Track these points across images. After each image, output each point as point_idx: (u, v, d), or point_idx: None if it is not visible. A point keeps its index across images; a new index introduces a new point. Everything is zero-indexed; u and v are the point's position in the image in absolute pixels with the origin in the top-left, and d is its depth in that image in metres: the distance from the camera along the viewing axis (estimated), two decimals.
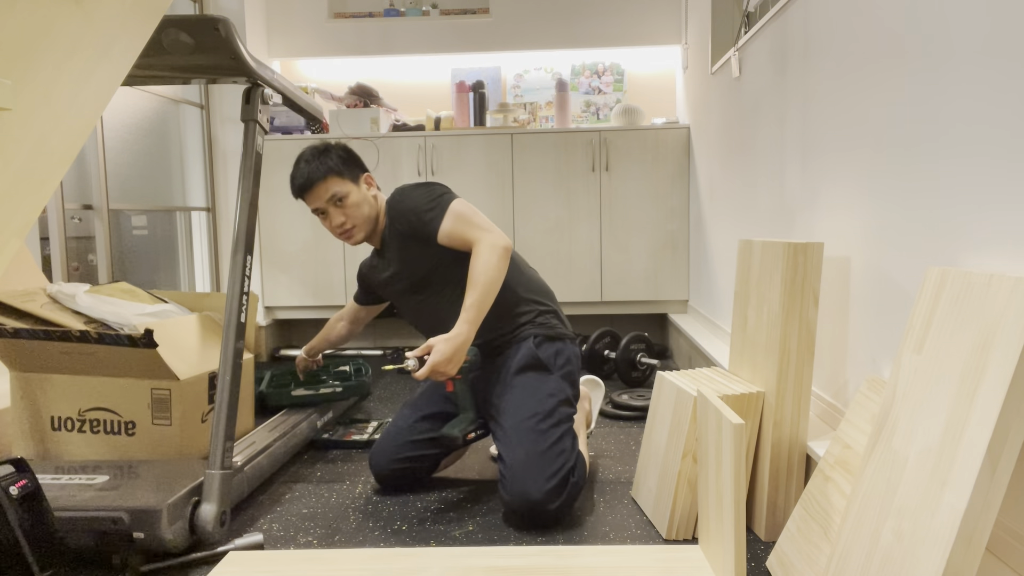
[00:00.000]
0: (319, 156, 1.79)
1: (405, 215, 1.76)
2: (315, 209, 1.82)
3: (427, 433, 1.78)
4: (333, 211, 1.79)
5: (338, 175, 1.78)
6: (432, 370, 1.56)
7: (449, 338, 1.59)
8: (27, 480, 1.20)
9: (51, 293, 1.78)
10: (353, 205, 1.79)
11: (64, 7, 0.93)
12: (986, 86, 1.04)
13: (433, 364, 1.56)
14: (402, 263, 1.82)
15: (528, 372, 1.72)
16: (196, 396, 1.73)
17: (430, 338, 1.61)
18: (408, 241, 1.78)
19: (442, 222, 1.71)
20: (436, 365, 1.56)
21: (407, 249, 1.79)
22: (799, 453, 1.46)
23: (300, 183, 1.79)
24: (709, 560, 1.34)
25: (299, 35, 3.71)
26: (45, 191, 0.96)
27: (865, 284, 1.44)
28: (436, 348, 1.58)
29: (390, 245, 1.84)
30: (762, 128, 2.14)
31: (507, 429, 1.64)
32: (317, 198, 1.79)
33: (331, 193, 1.77)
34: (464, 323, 1.61)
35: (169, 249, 3.36)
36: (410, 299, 1.86)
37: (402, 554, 1.43)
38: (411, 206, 1.76)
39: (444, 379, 1.62)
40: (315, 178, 1.77)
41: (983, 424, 0.84)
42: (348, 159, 1.81)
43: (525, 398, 1.67)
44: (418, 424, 1.79)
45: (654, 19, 3.62)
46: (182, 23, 1.55)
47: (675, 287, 3.42)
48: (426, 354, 1.58)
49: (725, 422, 1.19)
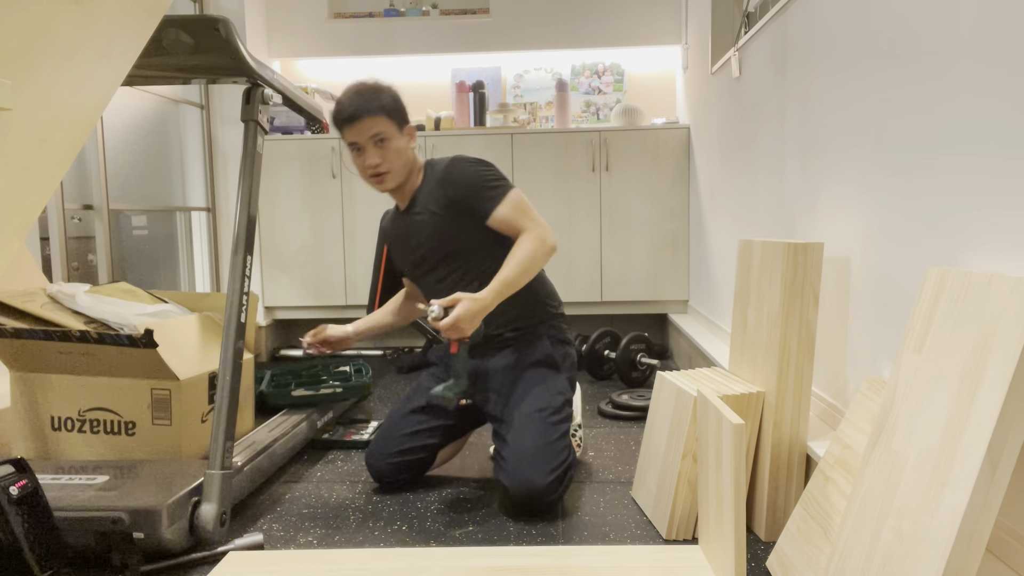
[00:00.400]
0: (373, 91, 1.73)
1: (462, 184, 1.74)
2: (352, 143, 1.74)
3: (421, 424, 1.79)
4: (372, 150, 1.73)
5: (387, 116, 1.72)
6: (455, 322, 1.56)
7: (476, 298, 1.60)
8: (27, 480, 1.20)
9: (51, 293, 1.78)
10: (394, 150, 1.74)
11: (64, 7, 0.93)
12: (986, 85, 1.04)
13: (457, 317, 1.56)
14: (435, 230, 1.78)
15: (542, 368, 1.77)
16: (196, 396, 1.73)
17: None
18: (451, 210, 1.75)
19: (500, 204, 1.72)
20: (459, 319, 1.56)
21: (447, 219, 1.76)
22: (799, 453, 1.46)
23: (349, 112, 1.71)
24: (709, 560, 1.34)
25: (299, 35, 3.71)
26: (45, 191, 0.96)
27: (865, 284, 1.44)
28: (463, 303, 1.58)
29: (423, 208, 1.80)
30: (762, 128, 2.14)
31: (517, 417, 1.67)
32: (360, 132, 1.71)
33: (376, 131, 1.71)
34: (491, 292, 1.62)
35: (169, 249, 3.36)
36: (430, 272, 1.82)
37: (402, 554, 1.43)
38: (472, 178, 1.75)
39: (456, 337, 1.62)
40: (365, 111, 1.70)
41: (983, 424, 0.84)
42: (399, 104, 1.77)
43: (538, 391, 1.72)
44: (411, 416, 1.81)
45: (654, 19, 3.62)
46: (182, 23, 1.55)
47: (675, 287, 3.42)
48: (452, 306, 1.59)
49: (725, 422, 1.19)
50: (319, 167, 3.42)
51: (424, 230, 1.80)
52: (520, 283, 1.67)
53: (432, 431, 1.80)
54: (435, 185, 1.78)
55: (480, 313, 1.60)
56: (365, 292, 3.44)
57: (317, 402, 2.27)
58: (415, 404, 1.83)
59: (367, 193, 3.42)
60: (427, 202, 1.79)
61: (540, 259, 1.69)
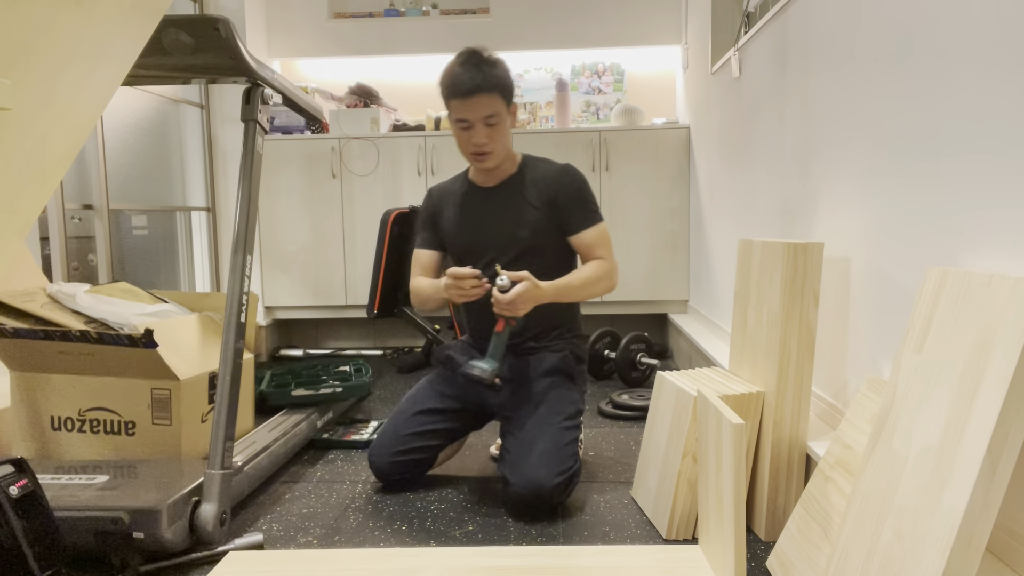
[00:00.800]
0: (490, 65, 1.67)
1: (571, 192, 1.78)
2: (460, 119, 1.69)
3: (425, 425, 1.79)
4: (480, 128, 1.69)
5: (501, 95, 1.69)
6: (516, 297, 1.59)
7: (538, 284, 1.63)
8: (27, 480, 1.20)
9: (51, 293, 1.78)
10: (502, 132, 1.72)
11: (64, 7, 0.93)
12: (986, 85, 1.04)
13: (519, 293, 1.59)
14: (527, 220, 1.77)
15: (560, 376, 1.79)
16: (196, 396, 1.73)
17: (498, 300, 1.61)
18: (549, 210, 1.77)
19: (592, 227, 1.79)
20: (520, 296, 1.59)
21: (543, 216, 1.77)
22: (799, 453, 1.46)
23: (468, 87, 1.64)
24: (709, 560, 1.34)
25: (299, 35, 3.71)
26: (45, 191, 0.96)
27: (865, 284, 1.44)
28: (527, 282, 1.61)
29: (517, 195, 1.79)
30: (762, 128, 2.14)
31: (531, 418, 1.69)
32: (473, 109, 1.67)
33: (490, 112, 1.67)
34: (551, 285, 1.67)
35: (169, 249, 3.36)
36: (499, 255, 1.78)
37: (402, 554, 1.43)
38: (580, 192, 1.79)
39: (509, 314, 1.64)
40: (483, 88, 1.65)
41: (983, 424, 0.84)
42: (511, 81, 1.72)
43: (554, 396, 1.74)
44: (416, 418, 1.80)
45: (654, 19, 3.62)
46: (182, 23, 1.55)
47: (675, 287, 3.42)
48: (517, 282, 1.61)
49: (725, 422, 1.19)
50: (319, 167, 3.42)
51: (513, 217, 1.79)
52: (575, 295, 1.74)
53: (436, 432, 1.80)
54: (539, 180, 1.79)
55: (537, 299, 1.64)
56: (365, 292, 3.44)
57: (317, 402, 2.27)
58: (421, 406, 1.82)
59: (367, 193, 3.42)
60: (523, 192, 1.79)
61: (600, 286, 1.76)
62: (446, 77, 1.70)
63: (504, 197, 1.81)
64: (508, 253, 1.79)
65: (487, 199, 1.84)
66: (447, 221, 1.87)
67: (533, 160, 1.85)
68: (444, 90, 1.71)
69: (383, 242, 3.11)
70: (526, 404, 1.73)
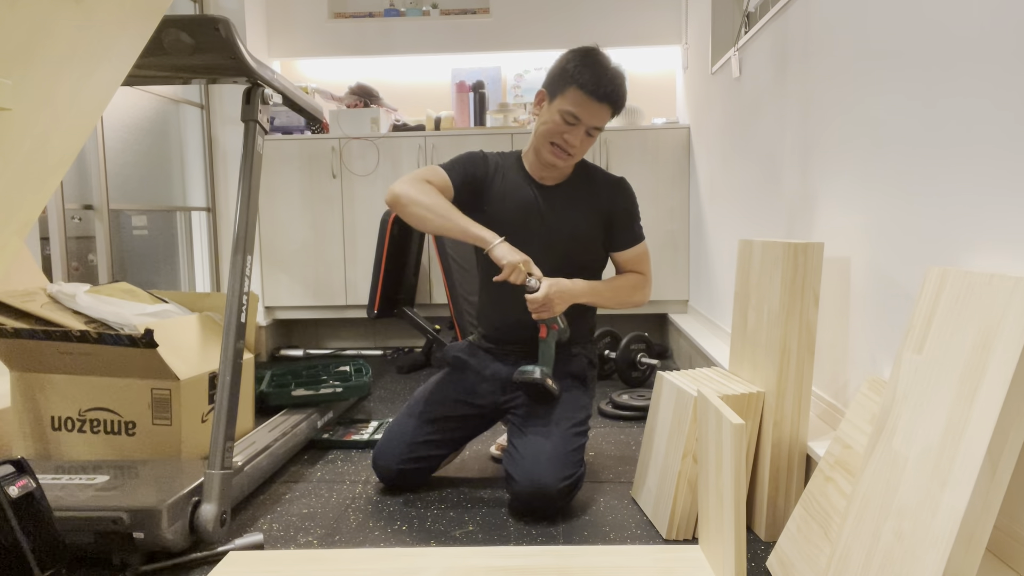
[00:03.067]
0: (623, 83, 1.66)
1: (623, 206, 1.80)
2: (573, 114, 1.63)
3: (434, 435, 1.78)
4: (581, 132, 1.65)
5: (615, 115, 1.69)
6: (551, 292, 1.61)
7: (570, 282, 1.67)
8: (27, 480, 1.20)
9: (51, 293, 1.78)
10: (592, 143, 1.71)
11: (64, 7, 0.93)
12: (986, 84, 1.04)
13: (549, 293, 1.61)
14: (577, 221, 1.77)
15: (572, 380, 1.80)
16: (196, 396, 1.73)
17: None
18: (600, 217, 1.78)
19: (637, 246, 1.82)
20: (552, 293, 1.62)
21: (592, 222, 1.77)
22: (799, 453, 1.46)
23: (611, 96, 1.63)
24: (709, 560, 1.34)
25: (299, 35, 3.71)
26: (45, 191, 0.96)
27: (865, 284, 1.44)
28: (560, 282, 1.64)
29: (574, 196, 1.78)
30: (762, 128, 2.14)
31: (541, 420, 1.69)
32: (595, 115, 1.64)
33: (602, 124, 1.67)
34: (585, 286, 1.70)
35: (169, 249, 3.36)
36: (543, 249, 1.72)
37: (402, 554, 1.43)
38: (633, 207, 1.82)
39: (545, 315, 1.65)
40: (620, 105, 1.66)
41: (983, 424, 0.84)
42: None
43: (566, 400, 1.74)
44: (426, 426, 1.78)
45: (654, 19, 3.62)
46: (182, 23, 1.55)
47: (675, 287, 3.42)
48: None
49: (725, 422, 1.19)
50: (319, 167, 3.42)
51: (565, 213, 1.77)
52: (604, 301, 1.77)
53: (444, 442, 1.80)
54: (596, 187, 1.80)
55: (571, 294, 1.66)
56: (365, 292, 3.44)
57: (317, 402, 2.27)
58: (433, 414, 1.80)
59: (367, 193, 3.42)
60: (579, 194, 1.79)
61: (634, 297, 1.80)
62: (588, 70, 1.61)
63: (561, 199, 1.78)
64: (554, 248, 1.74)
65: (544, 196, 1.78)
66: (495, 196, 1.77)
67: (590, 167, 1.84)
68: (579, 80, 1.61)
69: (383, 242, 3.11)
70: (538, 405, 1.73)
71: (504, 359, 1.82)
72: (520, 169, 1.81)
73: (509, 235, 1.66)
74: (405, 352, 3.65)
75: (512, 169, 1.81)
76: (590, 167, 1.85)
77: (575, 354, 1.83)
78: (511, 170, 1.81)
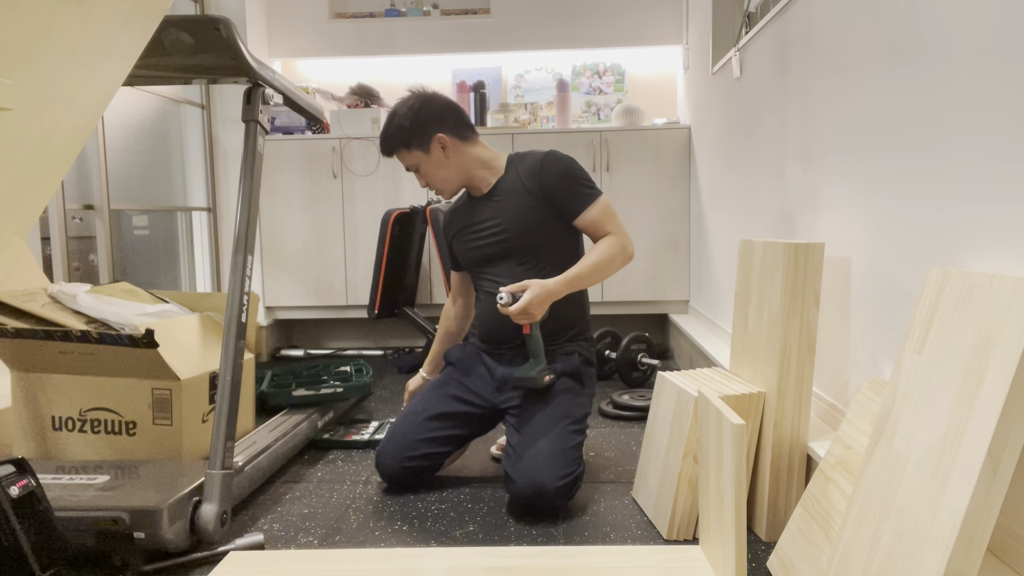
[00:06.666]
0: (391, 128, 1.80)
1: (559, 177, 1.77)
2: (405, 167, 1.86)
3: (437, 432, 1.79)
4: (415, 174, 1.84)
5: (405, 148, 1.80)
6: (526, 307, 1.61)
7: (544, 284, 1.65)
8: (28, 480, 1.20)
9: (52, 293, 1.78)
10: (427, 173, 1.82)
11: (65, 7, 0.93)
12: (986, 84, 1.04)
13: (528, 302, 1.61)
14: (519, 217, 1.78)
15: (569, 380, 1.79)
16: (197, 396, 1.73)
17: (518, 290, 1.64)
18: (541, 200, 1.77)
19: (591, 205, 1.77)
20: (530, 304, 1.61)
21: (535, 209, 1.78)
22: (800, 453, 1.46)
23: (383, 148, 1.83)
24: (710, 560, 1.34)
25: (300, 35, 3.71)
26: (46, 191, 0.96)
27: (866, 284, 1.44)
28: (533, 288, 1.63)
29: (508, 194, 1.81)
30: (763, 128, 2.14)
31: (539, 419, 1.69)
32: (400, 161, 1.83)
33: (408, 163, 1.82)
34: (562, 280, 1.68)
35: (170, 249, 3.36)
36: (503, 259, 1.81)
37: (402, 554, 1.43)
38: (569, 173, 1.78)
39: (526, 321, 1.65)
40: (393, 146, 1.81)
41: (984, 424, 0.84)
42: (416, 130, 1.78)
43: (563, 399, 1.74)
44: (428, 423, 1.79)
45: (655, 19, 3.62)
46: (183, 23, 1.55)
47: (676, 287, 3.42)
48: (520, 292, 1.63)
49: (726, 422, 1.19)
50: (319, 167, 3.42)
51: (505, 215, 1.80)
52: (592, 281, 1.73)
53: (447, 439, 1.80)
54: (526, 175, 1.79)
55: (550, 297, 1.65)
56: (366, 292, 3.44)
57: (318, 402, 2.27)
58: (433, 411, 1.81)
59: (368, 193, 3.42)
60: (513, 190, 1.80)
61: (617, 264, 1.74)
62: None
63: (494, 200, 1.83)
64: (512, 255, 1.80)
65: (479, 205, 1.86)
66: (454, 234, 1.93)
67: (518, 157, 1.85)
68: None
69: (384, 242, 3.11)
70: (535, 404, 1.73)
71: (499, 358, 1.85)
72: (465, 196, 1.94)
73: (477, 259, 1.85)
74: (405, 352, 3.65)
75: (458, 204, 1.95)
76: (519, 157, 1.85)
77: (570, 351, 1.83)
78: (459, 206, 1.95)
